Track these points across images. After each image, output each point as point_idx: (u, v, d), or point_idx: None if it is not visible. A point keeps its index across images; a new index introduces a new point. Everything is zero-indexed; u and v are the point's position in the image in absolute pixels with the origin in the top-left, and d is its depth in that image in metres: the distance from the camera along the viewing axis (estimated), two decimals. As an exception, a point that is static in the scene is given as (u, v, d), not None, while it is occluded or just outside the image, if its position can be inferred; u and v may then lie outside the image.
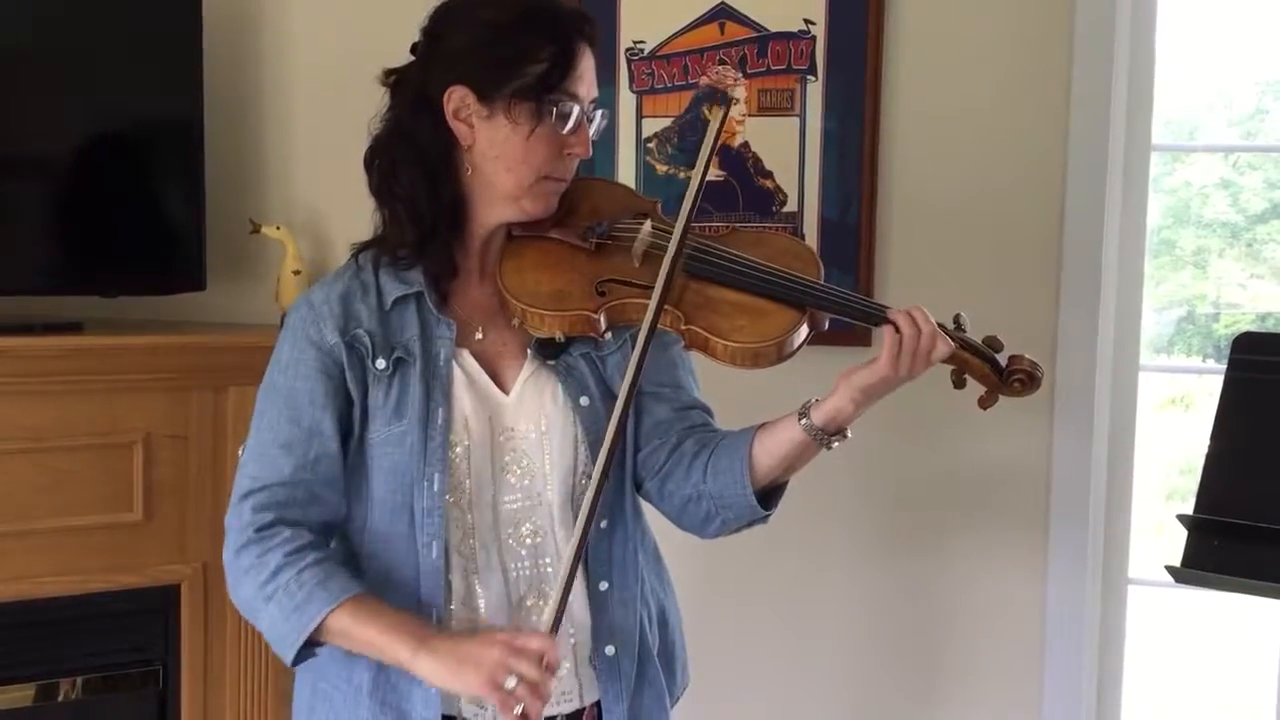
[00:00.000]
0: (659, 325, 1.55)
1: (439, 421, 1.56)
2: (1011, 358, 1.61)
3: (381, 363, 1.56)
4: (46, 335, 2.41)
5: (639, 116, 2.70)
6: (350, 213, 2.77)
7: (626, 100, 2.71)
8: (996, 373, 1.60)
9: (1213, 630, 3.56)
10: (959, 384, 1.62)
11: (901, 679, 2.70)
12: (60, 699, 2.47)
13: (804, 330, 1.56)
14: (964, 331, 1.60)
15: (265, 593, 1.53)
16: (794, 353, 1.57)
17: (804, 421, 1.55)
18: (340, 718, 1.63)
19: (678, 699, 1.77)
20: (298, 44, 2.78)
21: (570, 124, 1.55)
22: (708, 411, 1.71)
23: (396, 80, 1.62)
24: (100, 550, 2.47)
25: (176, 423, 2.51)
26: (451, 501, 1.58)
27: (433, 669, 1.47)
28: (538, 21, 1.54)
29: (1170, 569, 1.71)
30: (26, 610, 2.43)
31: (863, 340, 2.59)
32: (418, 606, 1.57)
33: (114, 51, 2.54)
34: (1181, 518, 1.72)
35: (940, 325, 1.58)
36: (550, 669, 1.44)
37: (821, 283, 1.58)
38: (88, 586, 2.46)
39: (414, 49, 1.62)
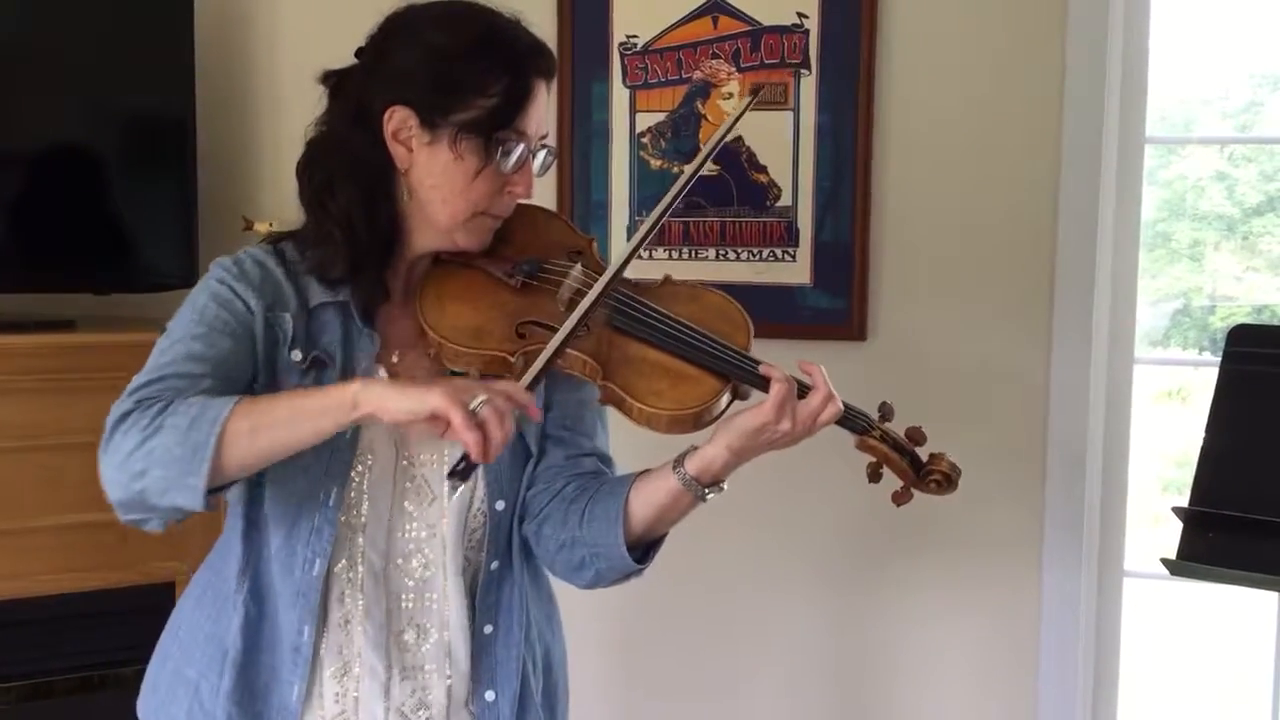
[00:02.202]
0: (576, 372, 1.50)
1: (346, 435, 1.46)
2: (932, 456, 1.56)
3: (298, 354, 1.48)
4: (39, 333, 2.40)
5: (632, 111, 2.69)
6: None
7: (620, 95, 2.70)
8: (914, 468, 1.55)
9: (1208, 622, 3.57)
10: (874, 477, 1.56)
11: (896, 670, 2.70)
12: (54, 697, 2.47)
13: (724, 400, 1.50)
14: (888, 421, 1.55)
15: (152, 427, 1.35)
16: (714, 420, 1.50)
17: (678, 470, 1.48)
18: (207, 709, 1.54)
19: None
20: (289, 41, 2.78)
21: (513, 163, 1.48)
22: (605, 461, 1.63)
23: (336, 84, 1.54)
24: (94, 548, 2.47)
25: (170, 420, 2.50)
26: (343, 521, 1.51)
27: (384, 391, 1.33)
28: (492, 53, 1.47)
29: (1165, 561, 1.71)
30: (21, 608, 2.43)
31: (857, 336, 2.60)
32: (295, 617, 1.51)
33: (106, 49, 2.54)
34: (1177, 510, 1.72)
35: (863, 414, 1.54)
36: (527, 412, 1.36)
37: (744, 354, 1.51)
38: (82, 584, 2.46)
39: (359, 54, 1.55)
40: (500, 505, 1.56)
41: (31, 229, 2.55)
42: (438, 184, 1.48)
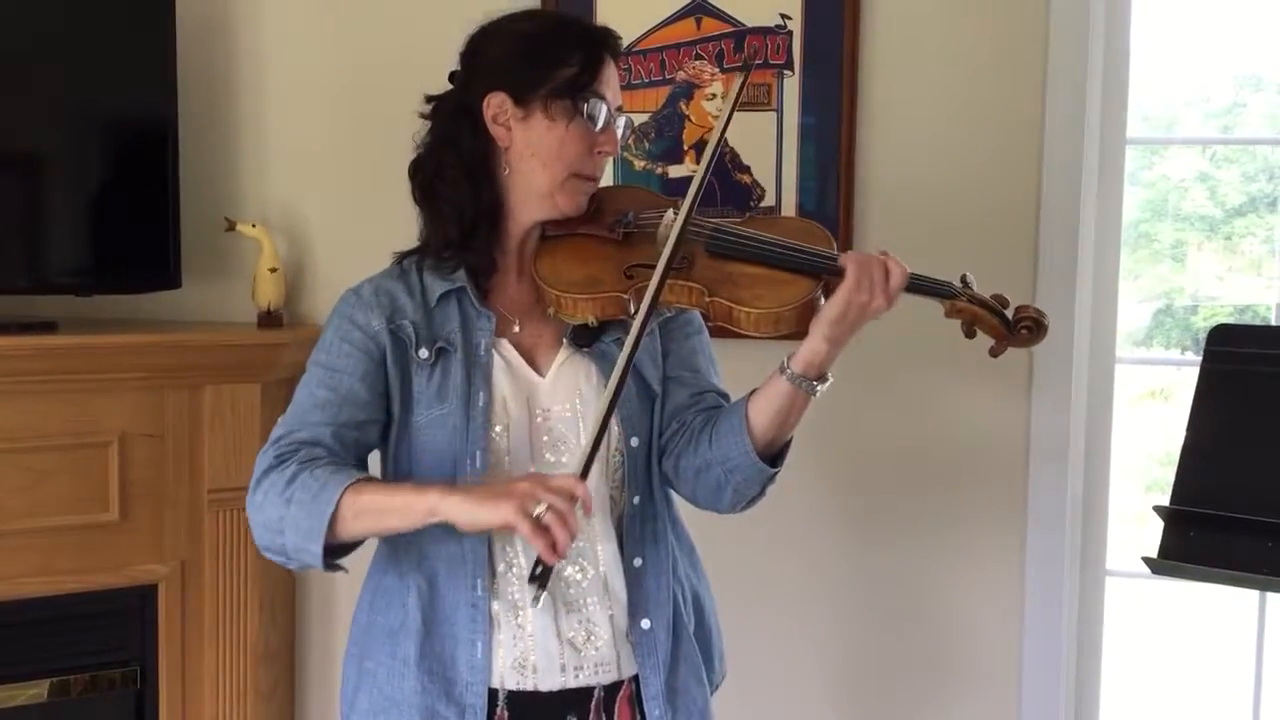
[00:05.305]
0: (685, 303, 1.66)
1: (480, 403, 1.66)
2: (1019, 307, 1.70)
3: (424, 352, 1.67)
4: (21, 335, 2.39)
5: (616, 112, 2.69)
6: (326, 209, 2.79)
7: (604, 95, 2.70)
8: (1004, 324, 1.69)
9: (1190, 621, 3.58)
10: (970, 334, 1.72)
11: (879, 671, 2.70)
12: (37, 700, 2.46)
13: (820, 296, 1.65)
14: (970, 288, 1.70)
15: (285, 497, 1.58)
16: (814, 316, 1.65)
17: (786, 372, 1.63)
18: (386, 692, 1.69)
19: (716, 687, 1.83)
20: (271, 42, 2.77)
21: (600, 122, 1.69)
22: (723, 396, 1.80)
23: (437, 105, 1.74)
24: (76, 550, 2.46)
25: (152, 422, 2.50)
26: (491, 479, 1.65)
27: (461, 504, 1.53)
28: (568, 33, 1.72)
29: (1147, 560, 1.72)
30: (2, 611, 2.42)
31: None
32: (466, 577, 1.66)
33: (88, 51, 2.53)
34: (1158, 509, 1.73)
35: (946, 282, 1.70)
36: (582, 506, 1.52)
37: (825, 252, 1.67)
38: (64, 587, 2.46)
39: (452, 78, 1.74)
40: (635, 441, 1.72)
41: (12, 231, 2.54)
42: (536, 151, 1.68)
